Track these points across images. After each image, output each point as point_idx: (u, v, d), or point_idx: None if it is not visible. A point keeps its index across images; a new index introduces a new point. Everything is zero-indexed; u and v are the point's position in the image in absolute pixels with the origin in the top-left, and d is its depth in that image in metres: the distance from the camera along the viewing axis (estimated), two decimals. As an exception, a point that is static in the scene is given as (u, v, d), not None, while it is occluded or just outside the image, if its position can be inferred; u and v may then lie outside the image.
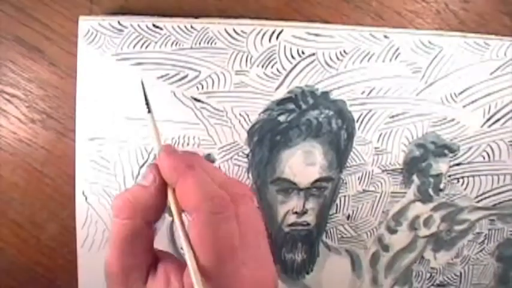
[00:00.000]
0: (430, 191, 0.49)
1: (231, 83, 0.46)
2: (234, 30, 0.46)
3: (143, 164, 0.46)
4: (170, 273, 0.33)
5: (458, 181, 0.50)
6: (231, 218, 0.33)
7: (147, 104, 0.36)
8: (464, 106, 0.49)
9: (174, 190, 0.34)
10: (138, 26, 0.45)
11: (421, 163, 0.49)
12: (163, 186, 0.34)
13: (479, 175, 0.50)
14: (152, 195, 0.34)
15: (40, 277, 0.49)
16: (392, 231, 0.50)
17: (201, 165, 0.35)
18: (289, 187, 0.48)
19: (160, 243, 0.47)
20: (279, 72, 0.47)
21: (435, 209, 0.50)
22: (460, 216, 0.50)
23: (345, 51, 0.47)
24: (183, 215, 0.34)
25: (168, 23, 0.45)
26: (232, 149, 0.47)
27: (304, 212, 0.48)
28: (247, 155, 0.47)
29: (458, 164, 0.49)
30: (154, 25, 0.45)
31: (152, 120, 0.36)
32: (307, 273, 0.50)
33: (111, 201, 0.46)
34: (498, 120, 0.49)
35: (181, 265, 0.34)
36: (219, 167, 0.47)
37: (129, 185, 0.47)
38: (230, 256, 0.32)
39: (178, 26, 0.45)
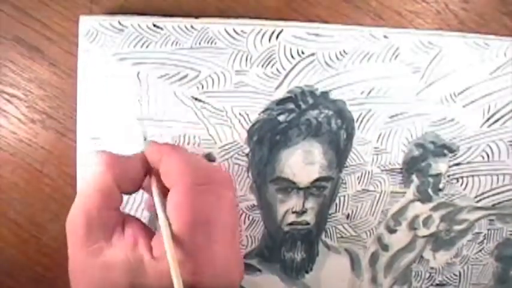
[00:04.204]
0: (430, 190, 0.50)
1: (231, 83, 0.46)
2: (234, 30, 0.46)
3: (143, 164, 0.46)
4: (138, 235, 0.34)
5: (457, 181, 0.50)
6: (211, 191, 0.34)
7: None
8: (463, 106, 0.49)
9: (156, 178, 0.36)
10: (139, 25, 0.45)
11: (420, 163, 0.49)
12: (144, 166, 0.37)
13: (478, 175, 0.50)
14: (133, 164, 0.36)
15: (40, 277, 0.49)
16: (391, 230, 0.50)
17: (186, 150, 0.37)
18: (288, 186, 0.48)
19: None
20: (279, 72, 0.47)
21: (434, 208, 0.50)
22: (459, 216, 0.50)
23: (344, 51, 0.47)
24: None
25: (168, 23, 0.45)
26: (232, 149, 0.47)
27: (303, 211, 0.48)
28: (247, 155, 0.48)
29: (457, 164, 0.50)
30: (154, 25, 0.45)
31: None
32: (307, 272, 0.50)
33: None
34: (498, 120, 0.49)
35: (150, 231, 0.35)
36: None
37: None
38: (203, 228, 0.33)
39: (179, 26, 0.45)
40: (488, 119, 0.49)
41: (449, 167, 0.49)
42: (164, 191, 0.36)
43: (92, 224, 0.34)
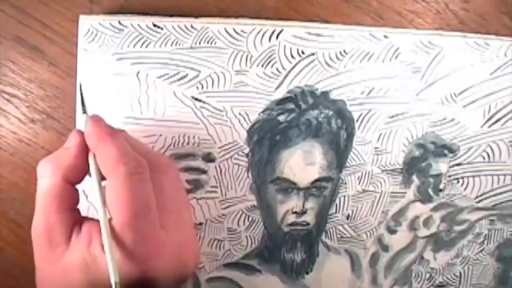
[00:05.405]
0: (430, 191, 0.49)
1: (231, 83, 0.46)
2: (234, 29, 0.46)
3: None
4: (93, 233, 0.34)
5: (458, 181, 0.50)
6: (147, 180, 0.35)
7: (83, 105, 0.38)
8: (464, 106, 0.49)
9: (95, 156, 0.36)
10: (138, 25, 0.45)
11: (420, 163, 0.49)
12: (85, 150, 0.36)
13: (479, 175, 0.50)
14: (73, 156, 0.36)
15: (40, 277, 0.49)
16: (392, 231, 0.50)
17: (124, 136, 0.37)
18: (288, 187, 0.48)
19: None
20: (279, 72, 0.47)
21: (435, 209, 0.50)
22: (459, 217, 0.50)
23: (344, 51, 0.47)
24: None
25: (168, 23, 0.45)
26: (232, 149, 0.47)
27: (303, 212, 0.48)
28: (247, 155, 0.47)
29: (458, 164, 0.49)
30: (154, 24, 0.45)
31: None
32: (307, 273, 0.50)
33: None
34: (498, 120, 0.49)
35: None
36: (219, 167, 0.47)
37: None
38: (146, 215, 0.34)
39: (178, 26, 0.45)
40: (488, 119, 0.49)
41: (450, 167, 0.49)
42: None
43: (52, 229, 0.35)
